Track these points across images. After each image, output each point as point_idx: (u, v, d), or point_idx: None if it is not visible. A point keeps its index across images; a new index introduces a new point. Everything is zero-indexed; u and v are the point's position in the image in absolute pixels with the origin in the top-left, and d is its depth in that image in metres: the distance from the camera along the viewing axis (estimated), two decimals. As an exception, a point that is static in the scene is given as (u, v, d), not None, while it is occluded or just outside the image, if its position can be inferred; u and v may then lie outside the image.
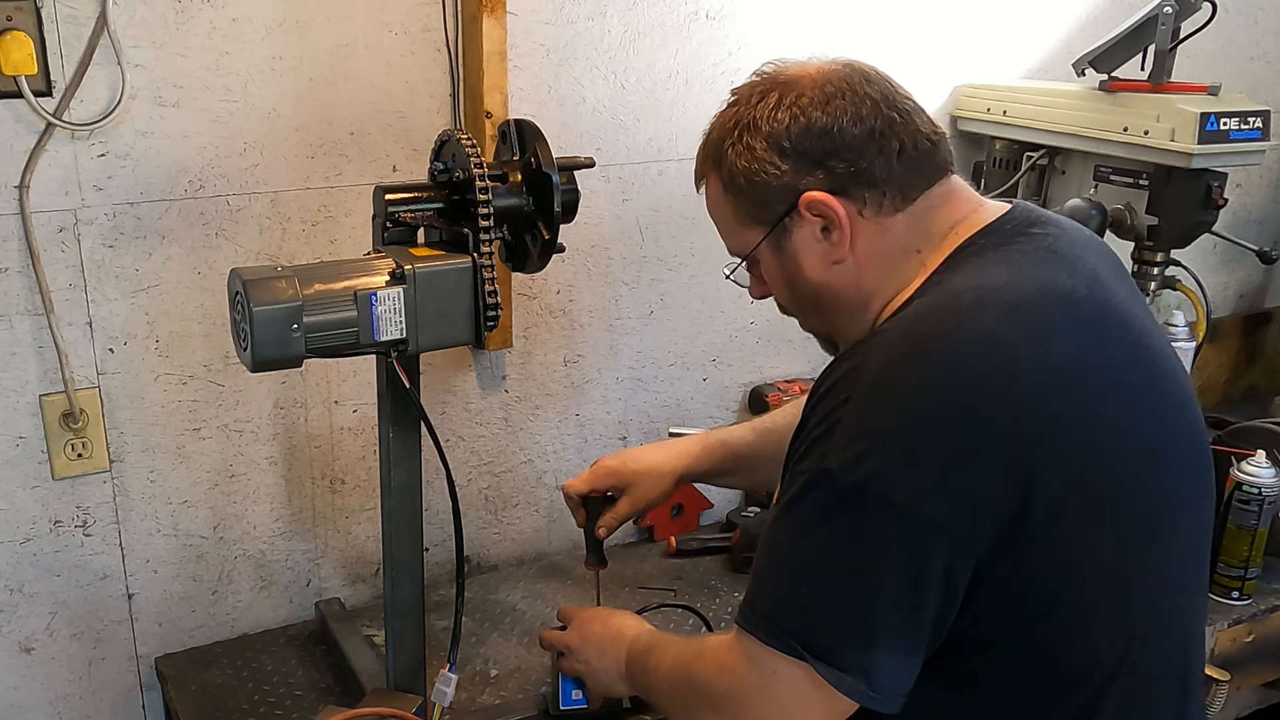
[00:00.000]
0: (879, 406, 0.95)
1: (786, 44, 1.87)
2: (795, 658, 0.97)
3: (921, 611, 0.95)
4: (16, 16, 1.35)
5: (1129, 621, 1.01)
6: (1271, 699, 2.07)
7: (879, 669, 0.95)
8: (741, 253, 1.15)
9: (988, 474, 0.93)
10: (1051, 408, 0.94)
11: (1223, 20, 1.83)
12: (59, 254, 1.47)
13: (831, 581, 0.96)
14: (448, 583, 1.84)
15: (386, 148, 1.64)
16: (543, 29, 1.69)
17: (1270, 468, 1.77)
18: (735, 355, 2.05)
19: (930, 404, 0.93)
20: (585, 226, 1.80)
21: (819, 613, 0.97)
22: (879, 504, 0.93)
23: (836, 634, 0.96)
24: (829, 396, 0.99)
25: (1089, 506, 0.96)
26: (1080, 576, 0.97)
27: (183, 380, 1.59)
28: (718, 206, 1.16)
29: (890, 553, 0.94)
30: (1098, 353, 0.99)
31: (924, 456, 0.93)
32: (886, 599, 0.94)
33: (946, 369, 0.94)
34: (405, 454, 1.34)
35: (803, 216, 1.07)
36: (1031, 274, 1.01)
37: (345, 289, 1.20)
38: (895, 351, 0.97)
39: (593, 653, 1.35)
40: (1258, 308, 2.66)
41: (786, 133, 1.06)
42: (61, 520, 1.56)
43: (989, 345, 0.95)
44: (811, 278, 1.10)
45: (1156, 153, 1.77)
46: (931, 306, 1.00)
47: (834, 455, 0.95)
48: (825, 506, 0.96)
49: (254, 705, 1.53)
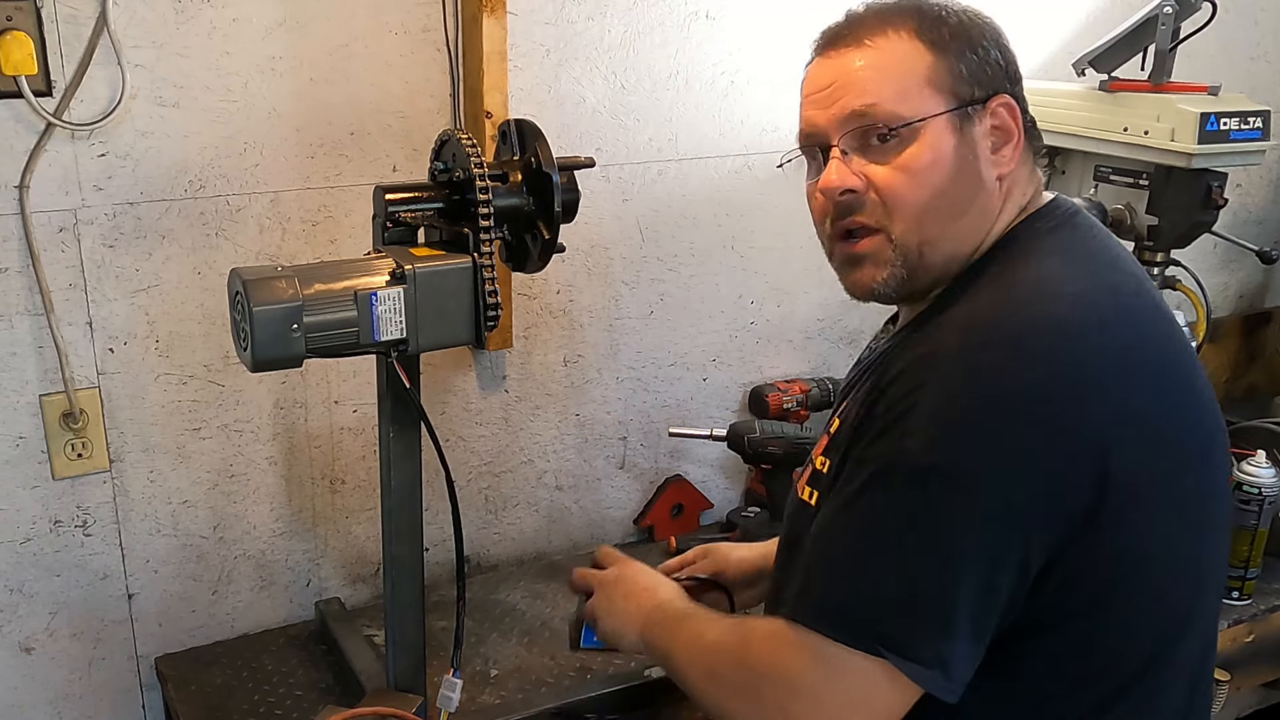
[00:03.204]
0: (959, 391, 0.93)
1: (787, 44, 1.87)
2: (869, 653, 0.94)
3: (995, 600, 0.94)
4: (16, 16, 1.35)
5: (1164, 619, 1.01)
6: (1271, 699, 2.08)
7: (956, 660, 0.94)
8: (909, 115, 1.02)
9: (1067, 459, 0.92)
10: (1120, 398, 0.94)
11: (1223, 20, 1.83)
12: (59, 254, 1.47)
13: (909, 571, 0.94)
14: (448, 583, 1.84)
15: (386, 148, 1.64)
16: (543, 29, 1.69)
17: (1270, 468, 1.77)
18: (735, 355, 2.05)
19: (1011, 388, 0.92)
20: (585, 226, 1.80)
21: (895, 605, 0.94)
22: (961, 488, 0.91)
23: (915, 626, 0.93)
24: (900, 382, 0.97)
25: (1150, 499, 0.96)
26: (1134, 570, 0.97)
27: (183, 380, 1.59)
28: (901, 60, 1.04)
29: (971, 539, 0.92)
30: (1153, 350, 1.00)
31: (1007, 440, 0.91)
32: (966, 588, 0.92)
33: (1023, 354, 0.93)
34: (405, 454, 1.34)
35: (986, 115, 1.05)
36: (1087, 267, 1.02)
37: (345, 289, 1.20)
38: (970, 337, 0.96)
39: (620, 594, 1.29)
40: (1258, 308, 2.66)
41: (1003, 35, 1.07)
42: (61, 520, 1.56)
43: (1059, 334, 0.95)
44: (981, 175, 1.05)
45: (1156, 153, 1.77)
46: (999, 294, 1.00)
47: (912, 440, 0.93)
48: (902, 493, 0.94)
49: (254, 705, 1.53)
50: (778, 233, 1.99)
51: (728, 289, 2.00)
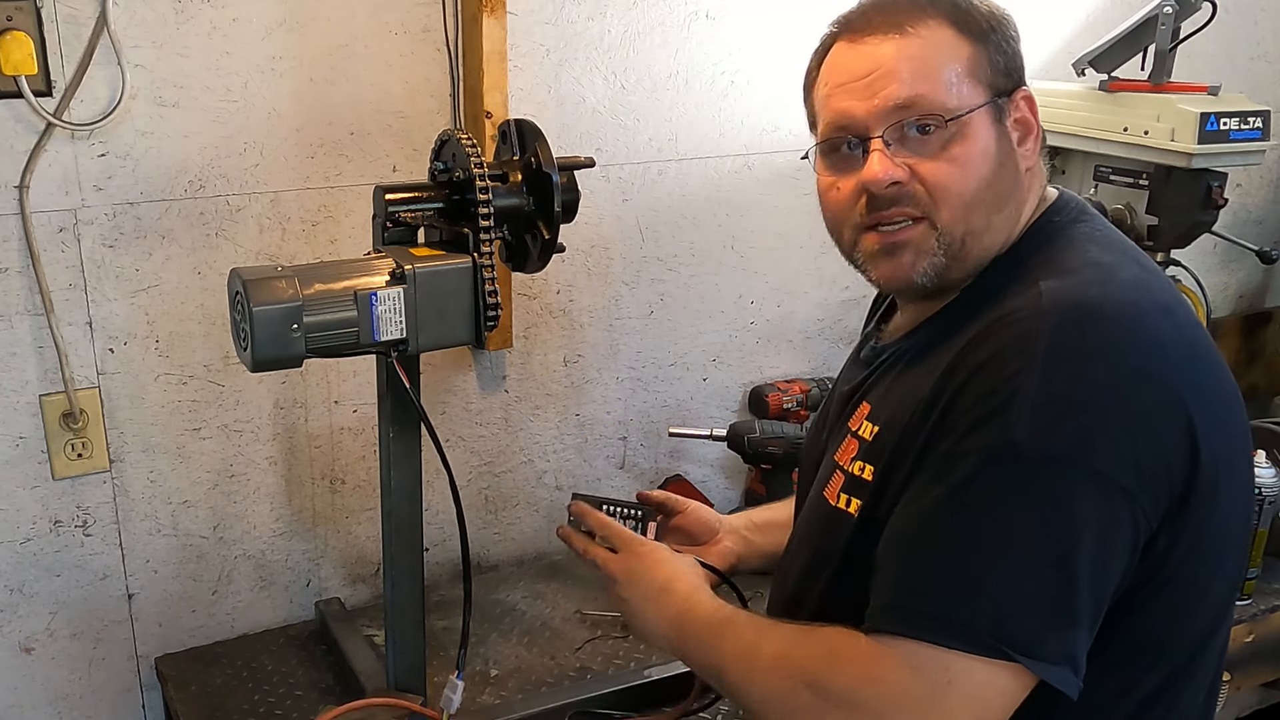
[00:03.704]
0: (1063, 374, 0.90)
1: (787, 44, 1.88)
2: (994, 658, 0.88)
3: (1109, 585, 0.91)
4: (16, 16, 1.35)
5: (1222, 602, 1.01)
6: (1271, 699, 2.07)
7: (1081, 651, 0.90)
8: (956, 107, 1.00)
9: (1171, 440, 0.91)
10: (1196, 378, 0.94)
11: (1223, 20, 1.83)
12: (59, 254, 1.47)
13: (1028, 565, 0.89)
14: (448, 583, 1.84)
15: (386, 148, 1.64)
16: (543, 29, 1.69)
17: (1270, 468, 1.76)
18: (735, 355, 2.05)
19: (1113, 370, 0.90)
20: (585, 226, 1.80)
21: (1016, 603, 0.88)
22: (1078, 473, 0.88)
23: (1040, 623, 0.88)
24: (989, 370, 0.93)
25: (1224, 486, 0.95)
26: (1202, 558, 0.96)
27: (183, 380, 1.59)
28: (945, 51, 1.02)
29: (1090, 526, 0.88)
30: (1200, 331, 1.00)
31: (1117, 421, 0.89)
32: (1086, 577, 0.89)
33: (1117, 338, 0.92)
34: (405, 454, 1.34)
35: (1015, 107, 1.05)
36: (1125, 255, 1.02)
37: (345, 289, 1.20)
38: (1061, 321, 0.92)
39: (636, 596, 1.20)
40: (1258, 308, 2.66)
41: (1017, 35, 1.06)
42: (61, 520, 1.56)
43: (1139, 317, 0.94)
44: (1020, 163, 1.04)
45: (1156, 153, 1.77)
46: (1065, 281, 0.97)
47: (1019, 427, 0.89)
48: (1014, 482, 0.89)
49: (254, 705, 1.53)
50: (778, 233, 1.99)
51: (728, 289, 2.00)
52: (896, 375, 1.07)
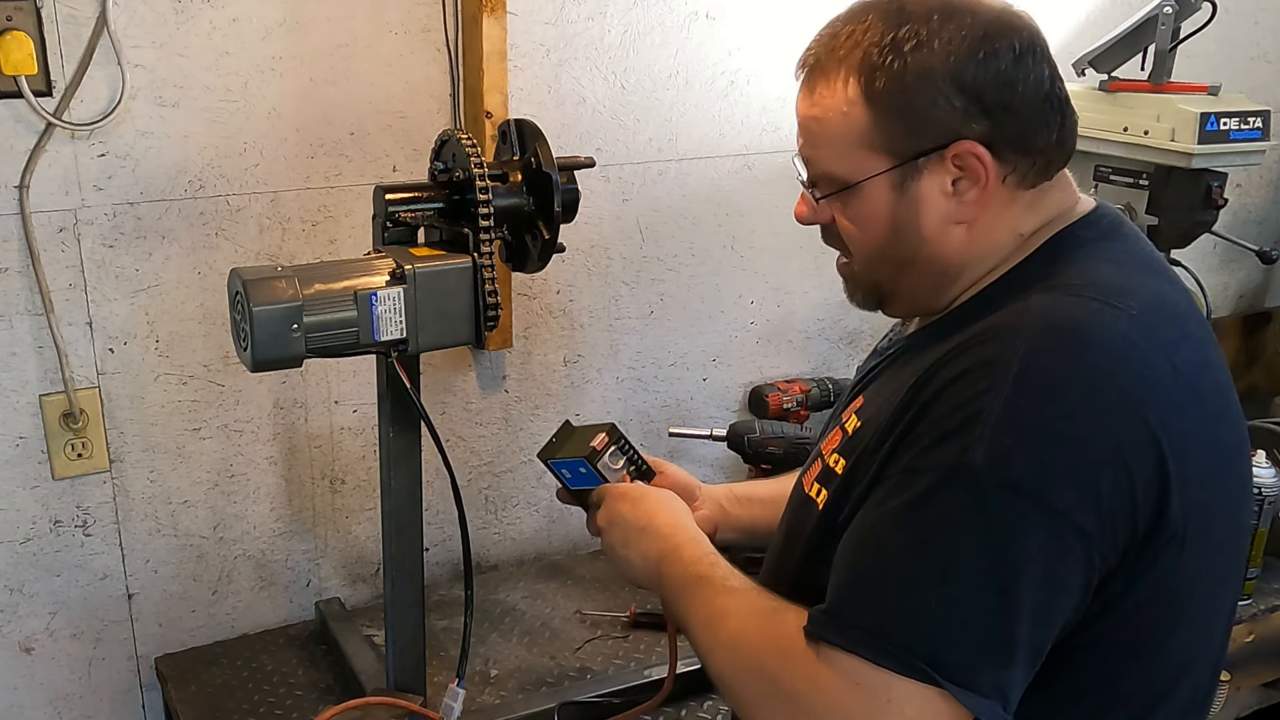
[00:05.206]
0: (1031, 399, 0.86)
1: (787, 44, 1.87)
2: (923, 681, 0.85)
3: (1054, 623, 0.88)
4: (16, 16, 1.35)
5: (1189, 650, 0.98)
6: (1271, 699, 2.07)
7: (1014, 687, 0.87)
8: (846, 178, 1.00)
9: (1139, 479, 0.87)
10: (1184, 422, 0.90)
11: (1223, 20, 1.83)
12: (59, 254, 1.47)
13: (969, 592, 0.86)
14: (448, 583, 1.84)
15: (386, 148, 1.64)
16: (543, 29, 1.69)
17: (1270, 468, 1.76)
18: (735, 355, 2.05)
19: (1085, 402, 0.87)
20: (585, 226, 1.80)
21: (951, 628, 0.86)
22: (1031, 506, 0.85)
23: (974, 652, 0.86)
24: (960, 384, 0.90)
25: (1199, 532, 0.91)
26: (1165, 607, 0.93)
27: (183, 380, 1.59)
28: (839, 118, 0.99)
29: (1038, 560, 0.86)
30: (1210, 373, 0.96)
31: (1080, 455, 0.86)
32: (1028, 612, 0.86)
33: (1096, 367, 0.88)
34: (405, 454, 1.34)
35: (942, 163, 0.97)
36: (1143, 281, 0.97)
37: (345, 289, 1.20)
38: (1040, 343, 0.89)
39: (617, 541, 1.21)
40: (1258, 308, 2.66)
41: (969, 66, 0.95)
42: (61, 520, 1.56)
43: (1128, 349, 0.90)
44: (923, 232, 0.99)
45: (1156, 153, 1.77)
46: (1056, 302, 0.93)
47: (979, 450, 0.86)
48: (967, 507, 0.86)
49: (254, 705, 1.53)
50: (777, 233, 1.99)
51: (728, 289, 2.00)
52: (893, 373, 1.06)
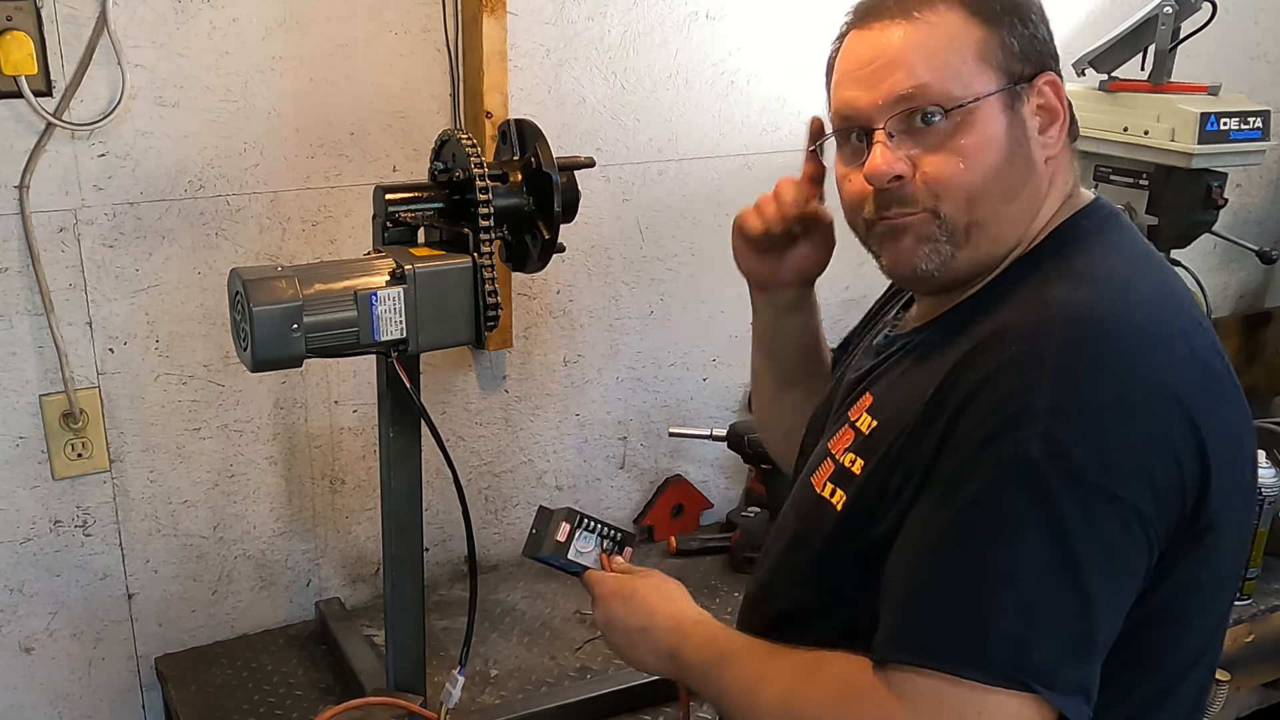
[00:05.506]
0: (1078, 392, 0.85)
1: (787, 44, 1.88)
2: (1014, 689, 0.82)
3: (1123, 612, 0.87)
4: (16, 16, 1.35)
5: (1198, 643, 0.98)
6: (1271, 699, 2.07)
7: (1094, 681, 0.85)
8: (961, 95, 0.96)
9: (1185, 465, 0.87)
10: (1211, 407, 0.90)
11: (1223, 20, 1.83)
12: (59, 254, 1.47)
13: (1045, 589, 0.84)
14: (448, 583, 1.84)
15: (386, 148, 1.64)
16: (543, 29, 1.69)
17: (1270, 468, 1.76)
18: (735, 355, 2.04)
19: (1128, 390, 0.86)
20: (585, 226, 1.80)
21: (1033, 629, 0.84)
22: (1095, 494, 0.84)
23: (1059, 651, 0.84)
24: (995, 384, 0.88)
25: (1224, 520, 0.91)
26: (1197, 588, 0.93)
27: (183, 380, 1.59)
28: (950, 34, 0.97)
29: (1108, 548, 0.85)
30: (1220, 358, 0.96)
31: (1134, 444, 0.85)
32: (1104, 602, 0.85)
33: (1129, 356, 0.87)
34: (405, 454, 1.34)
35: (1035, 93, 0.99)
36: (1149, 271, 0.98)
37: (345, 289, 1.20)
38: (1068, 336, 0.88)
39: (622, 643, 1.16)
40: (1258, 308, 2.66)
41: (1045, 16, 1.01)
42: (61, 520, 1.56)
43: (1153, 338, 0.89)
44: (1033, 157, 0.99)
45: (1156, 153, 1.77)
46: (1079, 291, 0.93)
47: (1034, 445, 0.84)
48: (1032, 502, 0.84)
49: (254, 705, 1.53)
50: (778, 233, 1.99)
51: (728, 289, 1.99)
52: (903, 370, 1.04)
